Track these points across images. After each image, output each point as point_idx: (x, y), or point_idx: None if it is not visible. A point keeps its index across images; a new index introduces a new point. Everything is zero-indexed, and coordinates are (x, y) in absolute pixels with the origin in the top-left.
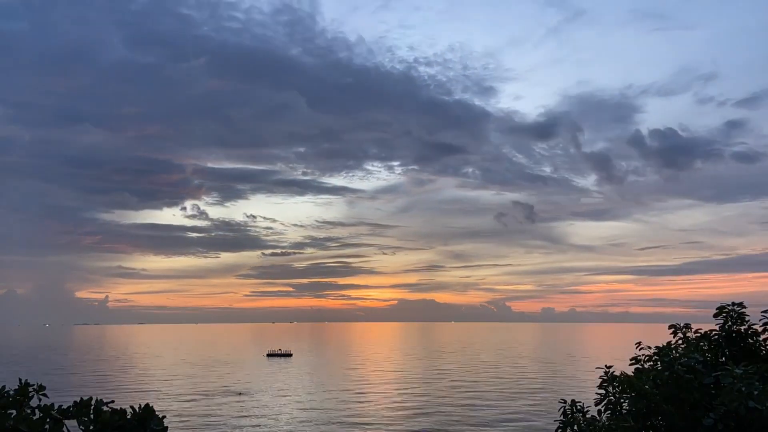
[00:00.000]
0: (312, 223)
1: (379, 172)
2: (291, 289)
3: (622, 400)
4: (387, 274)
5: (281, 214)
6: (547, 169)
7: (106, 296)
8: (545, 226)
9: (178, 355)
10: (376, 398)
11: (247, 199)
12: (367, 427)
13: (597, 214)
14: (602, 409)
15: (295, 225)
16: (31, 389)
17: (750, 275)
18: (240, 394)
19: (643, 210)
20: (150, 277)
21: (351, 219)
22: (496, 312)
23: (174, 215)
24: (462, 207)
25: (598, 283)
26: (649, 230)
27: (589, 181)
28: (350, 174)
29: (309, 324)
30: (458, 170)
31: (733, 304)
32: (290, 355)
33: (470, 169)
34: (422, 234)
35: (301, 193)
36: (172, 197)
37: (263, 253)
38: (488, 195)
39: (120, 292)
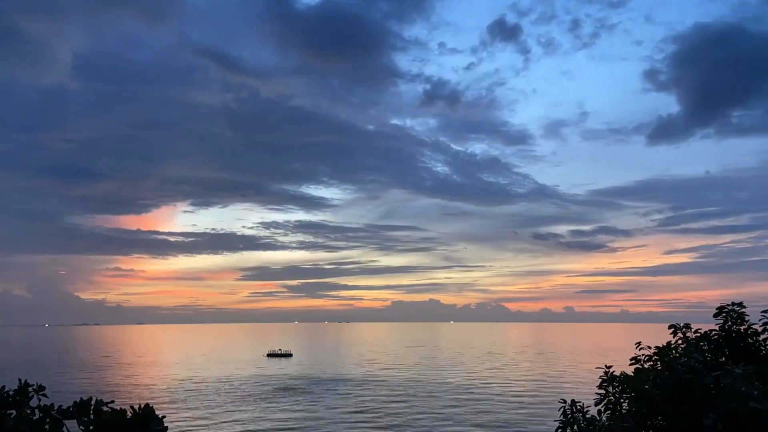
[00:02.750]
0: (303, 227)
1: (353, 184)
2: (287, 290)
3: (622, 400)
4: (380, 275)
5: (274, 219)
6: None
7: (105, 297)
8: (532, 231)
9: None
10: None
11: (236, 205)
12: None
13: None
14: (602, 409)
15: (287, 229)
16: (30, 389)
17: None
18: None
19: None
20: (149, 278)
21: (339, 224)
22: (493, 313)
23: (168, 219)
24: (447, 211)
25: (592, 284)
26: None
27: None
28: (329, 185)
29: (310, 324)
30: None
31: (733, 303)
32: (290, 355)
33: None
34: (412, 237)
35: (283, 202)
36: (165, 201)
37: (260, 256)
38: (465, 203)
39: (119, 292)
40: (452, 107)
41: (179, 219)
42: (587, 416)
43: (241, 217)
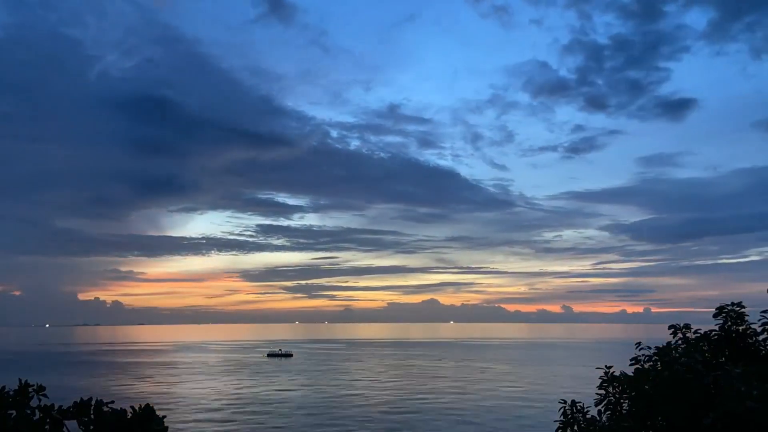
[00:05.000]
0: (301, 229)
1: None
2: (285, 291)
3: (622, 401)
4: (377, 276)
5: (261, 223)
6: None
7: (105, 298)
8: (526, 234)
9: None
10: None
11: (221, 210)
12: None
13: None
14: (602, 409)
15: (276, 233)
16: (31, 389)
17: None
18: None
19: None
20: (149, 279)
21: (335, 227)
22: (492, 314)
23: (167, 219)
24: (440, 214)
25: (588, 285)
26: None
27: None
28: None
29: (310, 325)
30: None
31: (733, 303)
32: (290, 355)
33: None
34: (402, 240)
35: (267, 208)
36: (151, 205)
37: (255, 258)
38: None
39: (118, 293)
40: None
41: (172, 222)
42: (587, 416)
43: (228, 221)
